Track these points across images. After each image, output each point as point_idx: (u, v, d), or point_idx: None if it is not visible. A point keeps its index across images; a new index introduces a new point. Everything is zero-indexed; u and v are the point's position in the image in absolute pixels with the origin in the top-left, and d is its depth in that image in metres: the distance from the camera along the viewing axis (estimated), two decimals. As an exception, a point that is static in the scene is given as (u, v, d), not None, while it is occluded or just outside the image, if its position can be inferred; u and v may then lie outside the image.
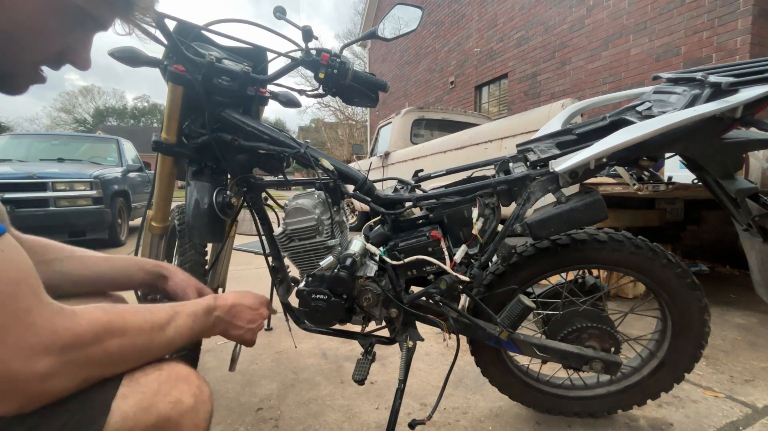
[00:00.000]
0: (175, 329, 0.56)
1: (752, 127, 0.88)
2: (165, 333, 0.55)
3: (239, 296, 0.74)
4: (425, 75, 9.32)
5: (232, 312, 0.70)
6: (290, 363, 1.64)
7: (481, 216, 1.00)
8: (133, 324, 0.51)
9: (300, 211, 0.95)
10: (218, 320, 0.67)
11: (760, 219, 0.90)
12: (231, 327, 0.70)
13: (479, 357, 1.17)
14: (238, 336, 0.72)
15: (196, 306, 0.63)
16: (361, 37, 1.15)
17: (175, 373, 0.53)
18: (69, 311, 0.45)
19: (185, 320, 0.59)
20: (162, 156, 1.12)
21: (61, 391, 0.43)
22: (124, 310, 0.51)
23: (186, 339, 0.59)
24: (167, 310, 0.57)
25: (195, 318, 0.61)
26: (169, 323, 0.56)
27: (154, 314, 0.55)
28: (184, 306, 0.61)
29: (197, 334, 0.62)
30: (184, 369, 0.55)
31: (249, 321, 0.73)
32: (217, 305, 0.67)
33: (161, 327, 0.54)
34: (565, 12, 5.28)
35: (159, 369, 0.53)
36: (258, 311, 0.76)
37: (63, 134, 5.70)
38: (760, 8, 3.34)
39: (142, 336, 0.51)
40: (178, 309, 0.59)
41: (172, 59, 1.00)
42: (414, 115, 4.90)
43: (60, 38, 0.47)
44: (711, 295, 2.55)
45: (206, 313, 0.64)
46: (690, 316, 1.05)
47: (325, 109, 21.73)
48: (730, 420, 1.24)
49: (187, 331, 0.59)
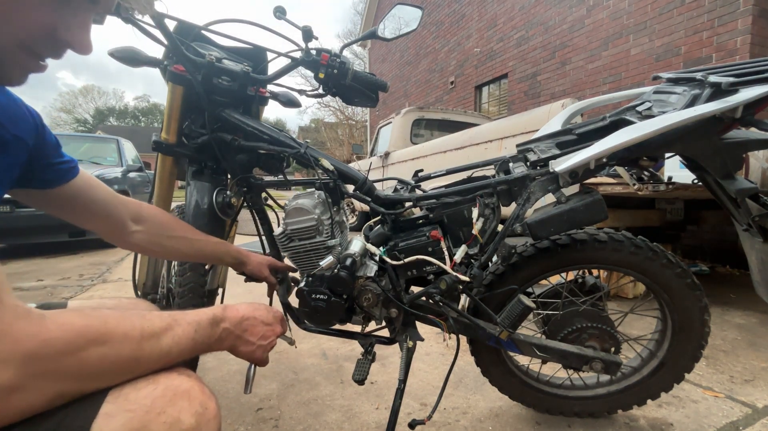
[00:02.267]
0: (173, 339, 0.50)
1: (752, 127, 0.88)
2: (160, 342, 0.48)
3: (252, 308, 0.66)
4: (425, 75, 9.31)
5: (243, 325, 0.62)
6: (290, 363, 1.64)
7: (481, 216, 1.00)
8: (118, 331, 0.44)
9: (300, 211, 0.95)
10: (226, 333, 0.60)
11: (760, 219, 0.90)
12: (241, 342, 0.62)
13: (479, 357, 1.17)
14: (248, 353, 0.64)
15: (200, 315, 0.56)
16: (361, 37, 1.15)
17: (173, 387, 0.46)
18: (36, 314, 0.39)
19: (186, 329, 0.52)
20: (162, 156, 1.12)
21: (28, 408, 0.38)
22: (107, 315, 0.45)
23: (188, 351, 0.52)
24: (164, 317, 0.51)
25: (198, 328, 0.54)
26: (165, 331, 0.49)
27: (146, 320, 0.48)
28: (185, 314, 0.55)
29: (201, 347, 0.55)
30: (185, 382, 0.48)
31: (261, 337, 0.65)
32: (225, 316, 0.60)
33: (155, 335, 0.48)
34: (565, 12, 5.28)
35: (154, 382, 0.46)
36: (272, 327, 0.68)
37: (63, 134, 5.71)
38: (760, 8, 3.34)
39: (129, 344, 0.45)
40: (178, 317, 0.53)
41: (172, 59, 1.00)
42: (414, 115, 4.90)
43: (43, 11, 0.40)
44: (711, 295, 2.55)
45: (212, 324, 0.57)
46: (690, 316, 1.05)
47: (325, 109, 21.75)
48: (730, 420, 1.24)
49: (188, 342, 0.52)
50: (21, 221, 3.71)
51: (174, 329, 0.51)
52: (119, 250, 4.46)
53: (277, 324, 0.70)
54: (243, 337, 0.62)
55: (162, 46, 0.96)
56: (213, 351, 0.59)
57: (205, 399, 0.48)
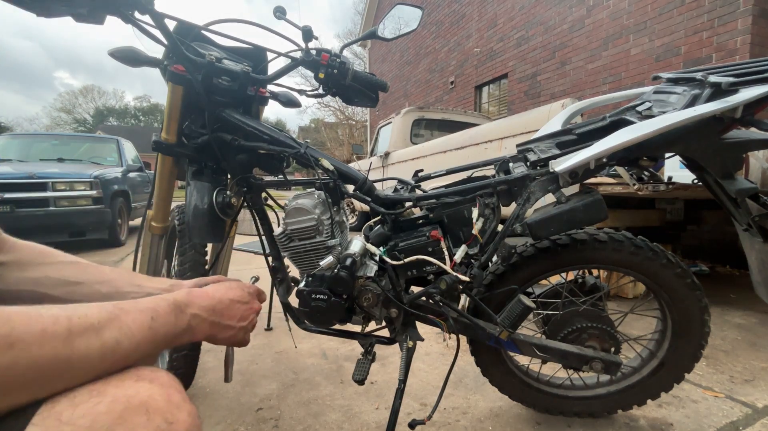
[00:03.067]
0: (121, 331, 0.41)
1: (752, 127, 0.88)
2: (101, 336, 0.38)
3: (224, 289, 0.60)
4: (425, 75, 9.31)
5: (217, 310, 0.56)
6: (290, 363, 1.64)
7: (481, 216, 1.00)
8: (31, 329, 0.34)
9: (300, 211, 0.95)
10: (198, 321, 0.52)
11: (760, 219, 0.90)
12: (218, 329, 0.56)
13: (479, 357, 1.17)
14: (230, 338, 0.58)
15: (157, 302, 0.47)
16: (361, 37, 1.15)
17: (124, 399, 0.36)
18: None
19: (138, 318, 0.43)
20: (162, 156, 1.12)
21: None
22: (10, 312, 0.35)
23: (146, 343, 0.43)
24: (105, 307, 0.41)
25: (156, 316, 0.45)
26: (108, 323, 0.40)
27: (78, 312, 0.39)
28: (137, 302, 0.45)
29: (164, 338, 0.46)
30: (143, 390, 0.37)
31: (240, 318, 0.59)
32: (191, 301, 0.52)
33: (91, 328, 0.38)
34: (565, 12, 5.28)
35: (99, 393, 0.36)
36: (249, 305, 0.62)
37: (63, 134, 5.70)
38: (760, 8, 3.34)
39: (51, 343, 0.35)
40: (125, 305, 0.44)
41: (172, 59, 1.00)
42: (414, 115, 4.90)
43: None
44: (711, 295, 2.55)
45: (175, 310, 0.49)
46: (690, 316, 1.05)
47: (325, 109, 21.77)
48: (730, 420, 1.24)
49: (144, 333, 0.43)
50: (21, 221, 3.72)
51: (120, 319, 0.42)
52: (119, 250, 4.47)
53: (254, 300, 0.65)
54: (221, 323, 0.56)
55: (162, 46, 0.96)
56: (184, 342, 0.51)
57: (171, 409, 0.38)
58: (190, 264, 1.20)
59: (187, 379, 1.29)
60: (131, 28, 0.86)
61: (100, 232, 4.36)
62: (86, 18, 0.79)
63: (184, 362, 1.21)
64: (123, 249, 4.57)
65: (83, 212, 4.09)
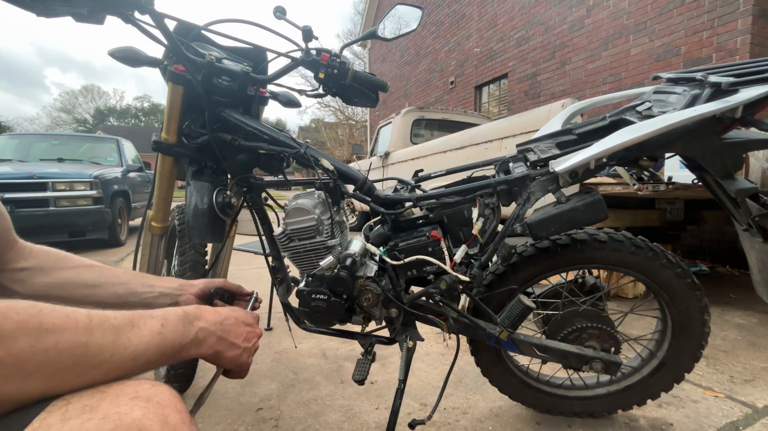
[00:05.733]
0: (133, 331, 0.41)
1: (752, 127, 0.88)
2: (116, 332, 0.40)
3: (229, 308, 0.60)
4: (425, 75, 9.31)
5: (224, 326, 0.55)
6: (290, 363, 1.64)
7: (481, 216, 1.00)
8: (53, 313, 0.36)
9: (300, 211, 0.95)
10: (205, 334, 0.51)
11: (760, 219, 0.90)
12: (225, 345, 0.54)
13: (479, 357, 1.17)
14: (234, 358, 0.56)
15: (167, 311, 0.48)
16: (361, 37, 1.15)
17: (117, 417, 0.34)
18: None
19: (149, 323, 0.44)
20: (162, 156, 1.12)
21: None
22: (37, 302, 0.37)
23: (154, 348, 0.43)
24: (121, 311, 0.43)
25: (165, 323, 0.46)
26: (123, 322, 0.41)
27: (95, 310, 0.40)
28: (145, 312, 0.46)
29: (171, 346, 0.46)
30: (136, 409, 0.35)
31: (245, 339, 0.58)
32: (200, 314, 0.52)
33: (107, 323, 0.40)
34: (565, 12, 5.28)
35: (93, 409, 0.34)
36: (252, 328, 0.62)
37: (63, 134, 5.70)
38: (760, 8, 3.34)
39: (72, 328, 0.36)
40: (137, 311, 0.45)
41: (172, 59, 1.00)
42: (414, 115, 4.90)
43: None
44: (711, 295, 2.55)
45: (183, 320, 0.49)
46: (690, 316, 1.05)
47: (325, 109, 21.76)
48: (730, 420, 1.24)
49: (154, 337, 0.43)
50: (21, 221, 3.72)
51: (134, 321, 0.43)
52: (119, 250, 4.47)
53: (257, 325, 0.65)
54: (227, 339, 0.55)
55: (162, 46, 0.96)
56: (190, 356, 0.50)
57: None
58: (190, 264, 1.20)
59: (187, 380, 1.29)
60: (131, 28, 0.86)
61: (100, 232, 4.36)
62: (86, 18, 0.79)
63: (184, 362, 1.21)
64: (123, 249, 4.57)
65: (83, 212, 4.09)
